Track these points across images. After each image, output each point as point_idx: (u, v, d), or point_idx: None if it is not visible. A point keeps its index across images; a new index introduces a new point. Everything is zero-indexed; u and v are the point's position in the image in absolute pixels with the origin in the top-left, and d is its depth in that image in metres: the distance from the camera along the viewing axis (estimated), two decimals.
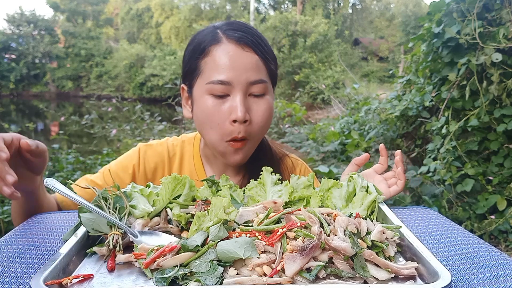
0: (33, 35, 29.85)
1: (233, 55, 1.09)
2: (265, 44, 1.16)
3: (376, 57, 29.37)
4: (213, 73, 1.10)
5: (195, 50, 1.15)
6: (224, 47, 1.11)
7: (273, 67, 1.17)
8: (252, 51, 1.11)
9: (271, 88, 1.18)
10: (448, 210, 3.43)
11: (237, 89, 1.09)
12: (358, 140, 4.37)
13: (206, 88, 1.11)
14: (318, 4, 29.29)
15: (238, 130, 1.10)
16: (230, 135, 1.11)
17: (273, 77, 1.19)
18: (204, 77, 1.12)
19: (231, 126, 1.10)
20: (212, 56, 1.11)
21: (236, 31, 1.13)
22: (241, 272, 0.68)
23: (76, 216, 0.97)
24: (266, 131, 1.20)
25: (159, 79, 24.10)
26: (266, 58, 1.14)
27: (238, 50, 1.10)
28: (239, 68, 1.09)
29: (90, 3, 34.07)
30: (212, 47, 1.12)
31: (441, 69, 3.46)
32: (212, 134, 1.14)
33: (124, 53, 27.46)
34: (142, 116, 5.34)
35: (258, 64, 1.12)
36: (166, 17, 32.59)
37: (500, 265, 0.75)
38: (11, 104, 23.09)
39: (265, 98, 1.14)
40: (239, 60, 1.09)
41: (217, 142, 1.14)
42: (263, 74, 1.13)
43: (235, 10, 31.30)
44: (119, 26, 36.93)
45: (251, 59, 1.10)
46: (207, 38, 1.14)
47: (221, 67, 1.09)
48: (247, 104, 1.11)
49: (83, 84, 29.70)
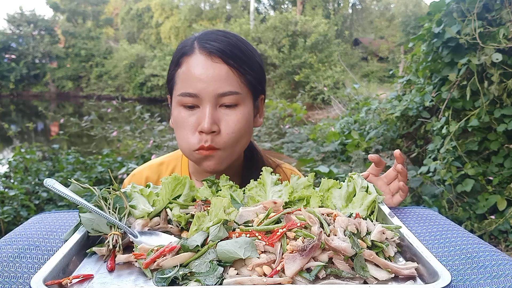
0: (33, 35, 29.86)
1: (201, 67, 1.10)
2: (243, 54, 1.14)
3: (376, 57, 29.37)
4: (183, 85, 1.12)
5: (173, 61, 1.18)
6: (195, 58, 1.11)
7: (251, 77, 1.15)
8: (222, 61, 1.10)
9: (248, 99, 1.16)
10: (448, 210, 3.43)
11: (206, 101, 1.10)
12: (358, 140, 4.37)
13: (178, 99, 1.13)
14: (318, 4, 29.28)
15: (205, 139, 1.10)
16: (198, 144, 1.12)
17: (253, 87, 1.17)
18: (176, 88, 1.15)
19: (199, 136, 1.11)
20: (183, 67, 1.13)
21: (210, 41, 1.12)
22: (241, 272, 0.68)
23: (76, 216, 0.97)
24: (241, 142, 1.17)
25: (159, 79, 24.12)
26: (241, 69, 1.12)
27: (207, 62, 1.10)
28: (207, 80, 1.09)
29: (90, 3, 34.07)
30: (184, 59, 1.13)
31: (441, 69, 3.46)
32: (182, 144, 1.16)
33: (124, 53, 27.47)
34: (142, 116, 5.34)
35: (229, 75, 1.10)
36: (166, 17, 32.60)
37: (500, 265, 0.75)
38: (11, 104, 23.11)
39: (238, 109, 1.13)
40: (207, 71, 1.09)
41: (187, 151, 1.16)
42: (234, 85, 1.11)
43: (235, 10, 31.29)
44: (119, 26, 36.92)
45: (219, 71, 1.09)
46: (184, 49, 1.15)
47: (189, 79, 1.11)
48: (217, 115, 1.11)
49: (83, 84, 29.71)
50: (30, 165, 4.33)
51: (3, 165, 4.59)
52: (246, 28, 23.00)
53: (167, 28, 31.69)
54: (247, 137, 1.20)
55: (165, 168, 1.37)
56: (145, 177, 1.36)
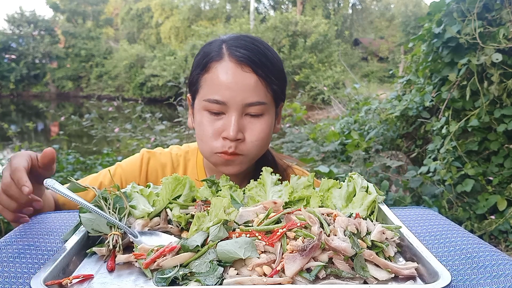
0: (33, 35, 29.84)
1: (231, 75, 1.09)
2: (271, 63, 1.14)
3: (376, 57, 29.38)
4: (210, 91, 1.11)
5: (199, 64, 1.17)
6: (224, 65, 1.11)
7: (276, 87, 1.15)
8: (251, 71, 1.10)
9: (271, 108, 1.17)
10: (448, 210, 3.43)
11: (233, 109, 1.10)
12: (358, 140, 4.36)
13: (203, 104, 1.13)
14: (318, 4, 29.30)
15: (229, 145, 1.11)
16: (221, 149, 1.12)
17: (277, 96, 1.17)
18: (202, 93, 1.14)
19: (223, 141, 1.11)
20: (211, 73, 1.12)
21: (240, 48, 1.11)
22: (241, 272, 0.68)
23: (76, 216, 0.97)
24: (263, 149, 1.19)
25: (159, 79, 24.12)
26: (269, 78, 1.12)
27: (237, 70, 1.09)
28: (236, 88, 1.09)
29: (90, 3, 34.05)
30: (213, 64, 1.12)
31: (441, 69, 3.46)
32: (204, 147, 1.16)
33: (124, 53, 27.45)
34: (143, 115, 5.33)
35: (257, 85, 1.10)
36: (166, 17, 32.60)
37: (500, 265, 0.75)
38: (11, 104, 23.09)
39: (263, 118, 1.14)
40: (237, 80, 1.09)
41: (208, 153, 1.16)
42: (262, 96, 1.11)
43: (235, 10, 31.29)
44: (119, 26, 36.91)
45: (249, 80, 1.09)
46: (212, 53, 1.14)
47: (218, 86, 1.10)
48: (242, 123, 1.12)
49: (83, 85, 29.69)
50: None
51: (3, 165, 4.58)
52: (246, 28, 22.99)
53: (167, 28, 31.69)
54: (268, 144, 1.22)
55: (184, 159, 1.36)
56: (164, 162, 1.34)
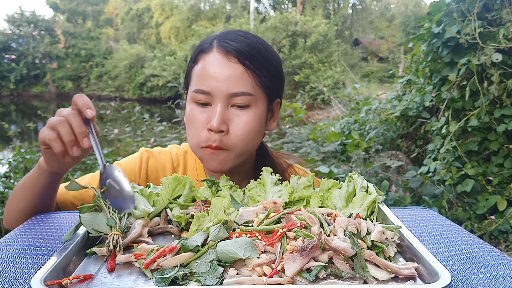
0: (33, 35, 29.83)
1: (216, 65, 1.10)
2: (261, 56, 1.14)
3: (376, 57, 29.36)
4: (197, 82, 1.13)
5: (192, 57, 1.19)
6: (211, 56, 1.12)
7: (267, 81, 1.14)
8: (237, 61, 1.10)
9: (261, 102, 1.15)
10: (448, 210, 3.43)
11: (218, 99, 1.10)
12: (358, 140, 4.36)
13: (191, 96, 1.14)
14: (318, 4, 29.28)
15: (213, 139, 1.10)
16: (206, 142, 1.12)
17: (268, 90, 1.16)
18: (191, 84, 1.16)
19: (208, 134, 1.11)
20: (199, 64, 1.14)
21: (229, 40, 1.12)
22: (241, 272, 0.68)
23: (76, 216, 0.97)
24: (249, 145, 1.17)
25: (159, 79, 24.11)
26: (258, 71, 1.12)
27: (223, 60, 1.10)
28: (221, 79, 1.09)
29: (90, 3, 34.06)
30: (202, 56, 1.14)
31: (441, 69, 3.46)
32: (191, 140, 1.17)
33: (124, 53, 27.45)
34: (142, 116, 5.34)
35: (243, 76, 1.10)
36: (166, 17, 32.58)
37: (500, 265, 0.75)
38: (11, 104, 23.07)
39: (249, 110, 1.13)
40: (222, 70, 1.09)
41: (195, 146, 1.16)
42: (248, 87, 1.11)
43: (235, 10, 31.27)
44: (119, 26, 36.89)
45: (234, 71, 1.09)
46: (202, 47, 1.16)
47: (204, 76, 1.11)
48: (227, 115, 1.11)
49: (83, 85, 29.68)
50: (30, 165, 4.32)
51: (3, 165, 4.58)
52: (246, 28, 23.00)
53: (167, 28, 31.67)
54: (257, 140, 1.20)
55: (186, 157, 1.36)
56: (165, 161, 1.34)
